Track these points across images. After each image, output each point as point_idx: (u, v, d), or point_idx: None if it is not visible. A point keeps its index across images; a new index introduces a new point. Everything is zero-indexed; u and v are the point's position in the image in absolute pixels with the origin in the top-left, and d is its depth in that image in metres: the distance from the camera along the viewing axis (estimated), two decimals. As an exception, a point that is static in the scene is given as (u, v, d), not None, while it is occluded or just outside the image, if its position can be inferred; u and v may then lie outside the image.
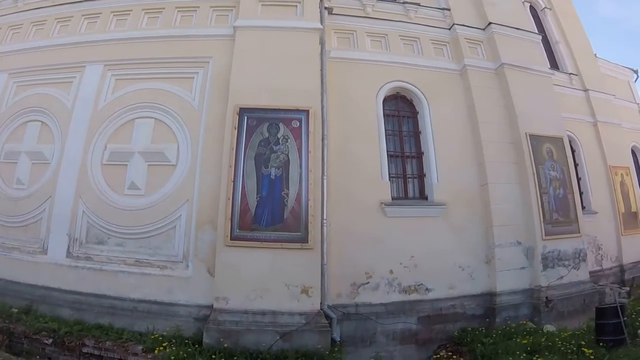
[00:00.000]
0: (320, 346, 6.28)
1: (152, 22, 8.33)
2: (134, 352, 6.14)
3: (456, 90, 9.09)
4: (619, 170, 12.09)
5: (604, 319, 6.42)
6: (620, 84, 14.24)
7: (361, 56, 8.71)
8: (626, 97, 14.18)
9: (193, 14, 8.33)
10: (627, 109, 13.88)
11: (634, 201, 12.08)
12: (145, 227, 7.34)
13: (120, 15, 8.39)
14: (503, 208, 8.48)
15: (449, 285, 8.01)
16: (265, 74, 7.54)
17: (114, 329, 6.69)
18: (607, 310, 6.43)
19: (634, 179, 12.44)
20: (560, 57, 12.61)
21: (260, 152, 7.13)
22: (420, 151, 8.71)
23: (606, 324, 6.36)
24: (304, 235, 6.80)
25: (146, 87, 7.93)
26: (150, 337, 6.38)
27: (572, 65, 12.56)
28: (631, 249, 11.78)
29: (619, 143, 12.42)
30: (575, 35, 13.04)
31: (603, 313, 6.45)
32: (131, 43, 8.13)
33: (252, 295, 6.59)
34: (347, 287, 7.53)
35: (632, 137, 13.49)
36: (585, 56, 12.96)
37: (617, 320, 6.20)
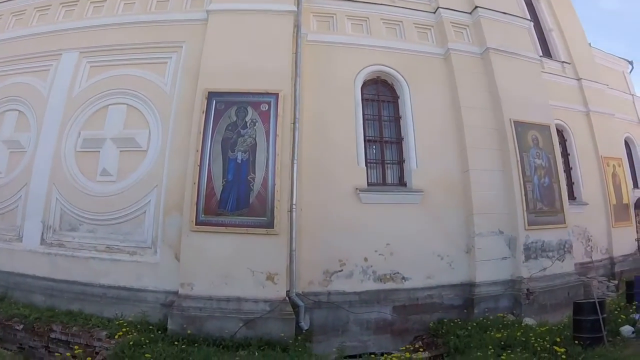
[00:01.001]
0: (283, 334, 5.84)
1: (128, 8, 7.81)
2: (98, 337, 5.83)
3: (439, 75, 8.35)
4: (611, 161, 11.20)
5: (581, 315, 5.71)
6: (615, 75, 13.25)
7: (340, 39, 8.02)
8: (621, 88, 13.19)
9: None
10: (621, 99, 12.91)
11: (625, 193, 11.19)
12: (116, 213, 6.92)
13: (97, 3, 7.89)
14: (484, 196, 7.76)
15: (427, 275, 7.36)
16: (236, 58, 6.99)
17: (84, 315, 6.35)
18: (585, 305, 5.71)
19: (627, 171, 11.53)
20: (554, 45, 11.70)
21: (228, 136, 6.62)
22: (400, 137, 8.02)
23: (584, 321, 5.65)
24: (270, 220, 6.30)
25: (120, 74, 7.43)
26: (116, 323, 6.02)
27: (565, 54, 11.65)
28: (622, 241, 10.92)
29: (611, 134, 11.50)
30: (569, 24, 12.10)
31: (581, 308, 5.73)
32: (107, 29, 7.62)
33: (216, 281, 6.15)
34: (319, 275, 6.95)
35: (625, 128, 12.54)
36: (579, 45, 12.04)
37: (595, 317, 5.50)
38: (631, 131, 12.74)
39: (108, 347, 5.58)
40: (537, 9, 12.12)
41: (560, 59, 11.50)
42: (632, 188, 11.79)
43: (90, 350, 5.67)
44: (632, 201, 11.41)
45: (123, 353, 5.17)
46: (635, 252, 11.25)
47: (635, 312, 6.52)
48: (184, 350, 5.27)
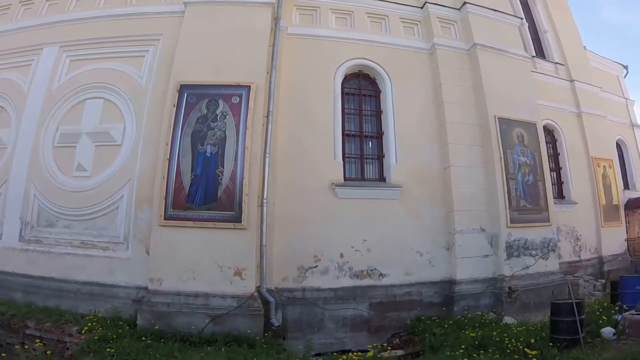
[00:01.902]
0: (250, 331, 5.44)
1: (109, 2, 7.37)
2: (69, 333, 5.54)
3: (424, 70, 7.82)
4: (602, 162, 10.59)
5: (559, 316, 5.18)
6: (609, 78, 12.59)
7: (321, 33, 7.51)
8: (614, 91, 12.55)
9: None
10: (614, 102, 12.28)
11: (615, 193, 10.56)
12: (91, 208, 6.52)
13: None
14: (466, 192, 7.24)
15: (406, 271, 6.87)
16: (210, 50, 6.55)
17: (59, 311, 6.00)
18: (563, 306, 5.18)
19: (617, 172, 10.90)
20: (548, 46, 11.13)
21: (198, 129, 6.19)
22: (381, 131, 7.50)
23: (561, 322, 5.13)
24: (238, 214, 5.86)
25: (99, 67, 7.01)
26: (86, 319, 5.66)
27: (559, 56, 11.07)
28: (611, 241, 10.31)
29: (603, 135, 10.88)
30: (564, 26, 11.50)
31: (558, 309, 5.21)
32: (87, 23, 7.19)
33: (185, 276, 5.75)
34: (293, 271, 6.50)
35: (617, 130, 11.91)
36: (574, 47, 11.42)
37: (572, 318, 4.98)
38: (623, 134, 12.11)
39: (78, 342, 5.28)
40: (532, 10, 11.55)
41: (554, 60, 10.93)
42: (623, 189, 11.15)
43: (62, 345, 5.44)
44: (622, 202, 10.78)
45: (89, 348, 4.95)
46: (624, 252, 10.63)
47: (617, 312, 5.98)
48: (150, 345, 5.00)
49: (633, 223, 10.99)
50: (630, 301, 6.06)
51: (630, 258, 10.67)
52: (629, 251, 10.77)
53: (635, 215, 11.05)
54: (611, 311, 6.14)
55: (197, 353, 4.92)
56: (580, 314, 5.21)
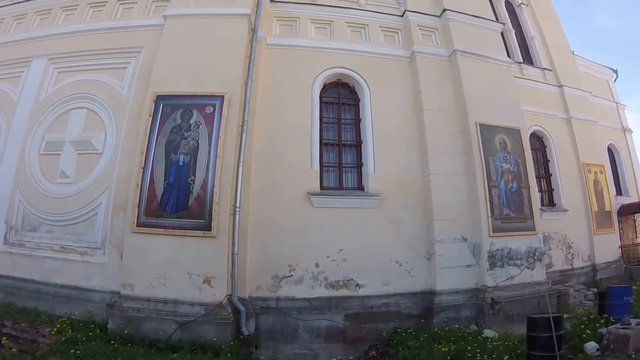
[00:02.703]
0: (216, 339, 5.11)
1: (96, 15, 7.21)
2: (42, 333, 5.38)
3: (404, 78, 7.37)
4: (593, 167, 9.87)
5: (535, 331, 4.63)
6: (599, 83, 11.87)
7: (300, 43, 7.16)
8: (605, 96, 11.79)
9: (134, 6, 7.16)
10: (605, 107, 11.53)
11: (608, 199, 9.80)
12: (72, 214, 6.31)
13: (69, 10, 7.33)
14: (447, 201, 6.71)
15: (383, 282, 6.36)
16: (186, 61, 6.30)
17: (36, 312, 5.81)
18: (539, 321, 4.63)
19: (609, 178, 10.15)
20: (535, 52, 10.53)
21: (172, 139, 5.95)
22: (360, 140, 7.06)
23: (538, 337, 4.58)
24: (208, 223, 5.57)
25: (84, 78, 6.83)
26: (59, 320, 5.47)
27: (547, 61, 10.46)
28: (604, 248, 9.54)
29: (594, 140, 10.17)
30: (552, 32, 10.90)
31: (534, 324, 4.65)
32: (75, 36, 7.01)
33: (155, 282, 5.48)
34: (268, 280, 6.07)
35: (609, 135, 11.15)
36: (562, 53, 10.80)
37: (549, 333, 4.42)
38: (615, 138, 11.32)
39: (49, 343, 5.10)
40: (519, 16, 11.00)
41: (542, 66, 10.32)
42: (615, 195, 10.38)
43: (35, 345, 5.28)
44: (615, 208, 10.01)
45: (57, 348, 4.82)
46: (618, 259, 9.84)
47: (603, 325, 5.35)
48: (117, 349, 4.82)
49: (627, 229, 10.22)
50: (618, 313, 5.44)
51: (624, 265, 9.88)
52: (623, 258, 9.98)
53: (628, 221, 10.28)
54: (596, 324, 5.52)
55: (161, 359, 4.73)
56: (558, 329, 4.65)
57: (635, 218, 10.54)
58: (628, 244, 10.11)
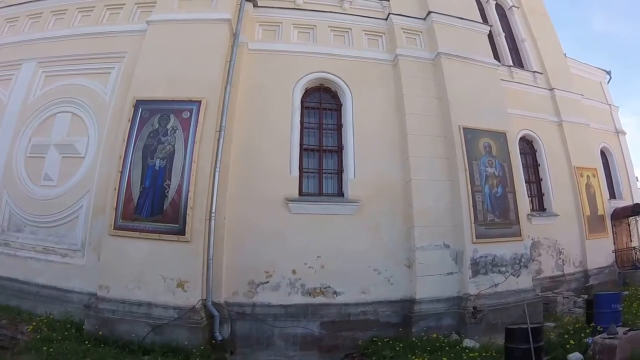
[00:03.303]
0: (187, 343, 4.85)
1: (84, 20, 7.01)
2: (22, 331, 5.29)
3: (387, 82, 6.99)
4: (585, 171, 9.30)
5: (512, 343, 4.23)
6: (592, 85, 11.23)
7: (282, 47, 6.85)
8: (597, 98, 11.15)
9: (120, 11, 6.95)
10: (597, 109, 10.90)
11: (601, 203, 9.22)
12: (55, 216, 6.14)
13: (58, 14, 7.15)
14: (428, 207, 6.30)
15: (362, 290, 5.98)
16: (166, 66, 6.04)
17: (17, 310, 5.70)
18: (517, 332, 4.23)
19: (602, 181, 9.56)
20: (526, 55, 10.01)
21: (149, 144, 5.71)
22: (342, 145, 6.68)
23: (515, 349, 4.18)
24: (182, 227, 5.33)
25: (70, 83, 6.64)
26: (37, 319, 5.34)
27: (538, 64, 9.93)
28: (597, 253, 8.96)
29: (586, 143, 9.59)
30: (543, 34, 10.36)
31: (512, 335, 4.25)
32: (63, 40, 6.84)
33: (131, 285, 5.27)
34: (244, 285, 5.77)
35: (602, 138, 10.52)
36: (553, 55, 10.24)
37: (527, 345, 4.00)
38: (608, 141, 10.67)
39: (27, 340, 4.98)
40: (510, 19, 10.48)
41: (532, 69, 9.80)
42: (609, 198, 9.78)
43: (15, 342, 5.21)
44: (608, 212, 9.42)
45: (32, 346, 4.76)
46: (612, 264, 9.25)
47: (590, 335, 4.90)
48: (89, 349, 4.70)
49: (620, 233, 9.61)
50: (605, 321, 5.00)
51: (618, 270, 9.29)
52: (617, 263, 9.38)
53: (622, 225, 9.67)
54: (581, 333, 5.06)
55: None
56: (537, 340, 4.23)
57: (630, 222, 9.92)
58: (622, 248, 9.52)
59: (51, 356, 4.39)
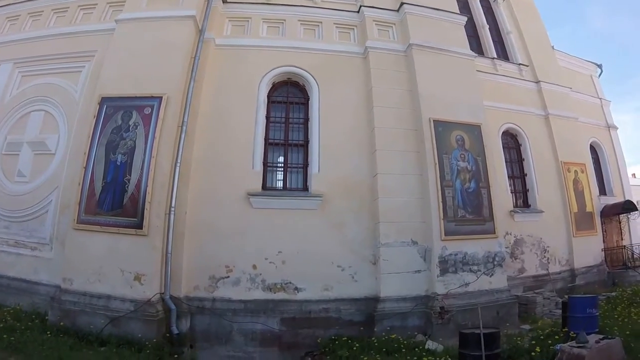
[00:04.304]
0: (141, 335, 4.74)
1: (59, 21, 6.86)
2: None
3: (356, 75, 6.51)
4: (573, 166, 8.48)
5: (466, 349, 3.66)
6: (582, 78, 10.34)
7: (250, 42, 6.50)
8: (588, 92, 10.21)
9: (92, 10, 6.74)
10: (588, 103, 10.00)
11: (589, 200, 8.38)
12: (26, 210, 6.02)
13: (35, 16, 7.01)
14: (396, 202, 5.79)
15: (324, 286, 5.55)
16: (131, 64, 5.83)
17: None
18: (470, 337, 3.65)
19: (591, 177, 8.66)
20: (511, 47, 9.27)
21: (112, 139, 5.51)
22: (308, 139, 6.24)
23: (468, 356, 3.60)
24: (140, 221, 5.11)
25: (44, 82, 6.52)
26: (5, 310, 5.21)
27: (524, 57, 9.19)
28: (585, 251, 8.18)
29: (574, 138, 8.80)
30: (529, 26, 9.59)
31: (465, 341, 3.70)
32: (38, 41, 6.70)
33: (92, 278, 5.10)
34: (205, 280, 5.46)
35: (592, 132, 9.60)
36: (540, 48, 9.47)
37: (478, 352, 3.41)
38: (598, 136, 9.73)
39: None
40: (495, 12, 9.74)
41: (518, 62, 9.01)
42: (598, 195, 8.88)
43: None
44: (597, 209, 8.57)
45: None
46: (601, 263, 8.41)
47: (560, 341, 4.23)
48: (48, 339, 4.55)
49: (611, 231, 8.71)
50: (579, 327, 4.40)
51: (607, 269, 8.42)
52: (607, 262, 8.51)
53: (613, 223, 8.77)
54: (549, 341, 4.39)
55: (87, 351, 4.42)
56: (493, 347, 3.64)
57: (621, 219, 8.95)
58: (612, 247, 8.62)
59: (11, 344, 4.28)
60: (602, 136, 9.73)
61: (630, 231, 8.98)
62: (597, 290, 7.84)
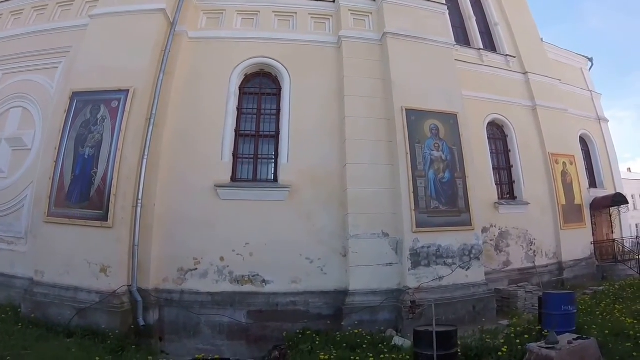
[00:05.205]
0: (105, 326, 4.61)
1: (39, 18, 6.67)
2: None
3: (330, 65, 6.20)
4: (561, 158, 7.90)
5: (420, 348, 3.27)
6: (572, 71, 9.72)
7: (223, 34, 6.23)
8: (578, 84, 9.53)
9: (70, 7, 6.55)
10: (578, 95, 9.39)
11: (578, 192, 7.80)
12: (4, 206, 5.91)
13: (16, 14, 6.83)
14: (366, 193, 5.44)
15: (292, 279, 5.26)
16: (102, 58, 5.64)
17: None
18: (423, 336, 3.24)
19: (581, 169, 8.02)
20: (498, 38, 8.74)
21: (81, 133, 5.36)
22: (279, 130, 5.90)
23: (421, 356, 3.19)
24: (105, 213, 4.94)
25: (23, 79, 6.38)
26: None
27: (511, 48, 8.64)
28: (573, 244, 7.65)
29: (562, 129, 8.25)
30: (518, 18, 9.04)
31: (419, 339, 3.30)
32: (19, 39, 6.53)
33: (61, 270, 4.98)
34: (174, 272, 5.26)
35: (581, 124, 8.98)
36: (529, 39, 8.93)
37: (430, 352, 3.00)
38: (589, 128, 9.09)
39: None
40: (483, 3, 9.18)
41: (505, 53, 8.41)
42: (588, 187, 8.24)
43: None
44: (586, 201, 7.97)
45: None
46: (590, 256, 7.82)
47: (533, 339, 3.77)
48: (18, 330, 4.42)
49: (600, 224, 8.08)
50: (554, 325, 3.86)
51: (596, 263, 7.80)
52: (596, 255, 7.89)
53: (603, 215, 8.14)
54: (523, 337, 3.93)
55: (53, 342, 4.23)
56: (448, 346, 3.21)
57: (611, 212, 8.27)
58: (602, 240, 8.01)
59: (-17, 335, 4.16)
60: (592, 129, 9.09)
61: (621, 224, 8.33)
62: (585, 284, 7.30)
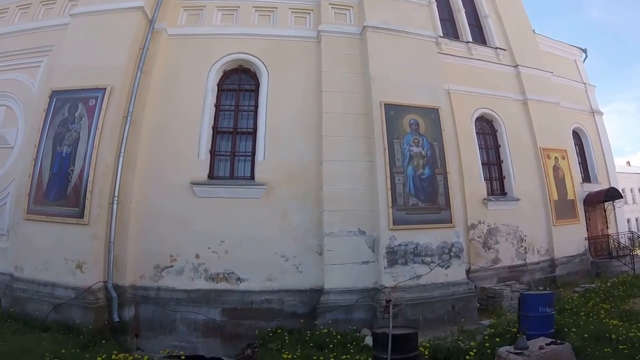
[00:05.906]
0: (80, 322, 4.53)
1: (23, 17, 6.57)
2: None
3: (308, 60, 5.96)
4: (553, 152, 7.45)
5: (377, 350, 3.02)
6: (566, 63, 9.19)
7: (202, 31, 6.07)
8: (571, 77, 8.98)
9: (53, 6, 6.45)
10: (571, 88, 8.88)
11: (571, 187, 7.35)
12: None
13: (1, 13, 6.68)
14: (342, 190, 5.20)
15: (267, 277, 5.08)
16: (80, 56, 5.55)
17: None
18: (380, 338, 2.97)
19: (573, 163, 7.52)
20: (489, 31, 8.28)
21: (59, 132, 5.31)
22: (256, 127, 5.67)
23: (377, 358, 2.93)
24: (81, 210, 4.87)
25: (7, 78, 6.27)
26: None
27: (502, 41, 8.21)
28: (566, 240, 7.26)
29: (554, 123, 7.81)
30: (509, 10, 8.61)
31: (377, 341, 3.05)
32: (3, 38, 6.41)
33: (40, 266, 4.95)
34: (150, 269, 5.18)
35: (575, 118, 8.46)
36: (520, 32, 8.48)
37: (385, 355, 2.73)
38: (582, 122, 8.56)
39: None
40: (473, -5, 8.59)
41: (495, 45, 7.93)
42: (582, 182, 7.73)
43: None
44: (580, 196, 7.51)
45: None
46: (584, 253, 7.38)
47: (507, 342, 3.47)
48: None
49: (595, 220, 7.60)
50: (532, 327, 3.76)
51: (591, 259, 7.33)
52: (591, 251, 7.40)
53: (597, 211, 7.64)
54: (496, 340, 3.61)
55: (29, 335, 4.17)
56: (407, 349, 2.92)
57: (606, 207, 7.73)
58: (597, 236, 7.55)
59: (-36, 329, 4.18)
60: (586, 122, 8.56)
61: (616, 219, 7.80)
62: (577, 281, 6.91)
